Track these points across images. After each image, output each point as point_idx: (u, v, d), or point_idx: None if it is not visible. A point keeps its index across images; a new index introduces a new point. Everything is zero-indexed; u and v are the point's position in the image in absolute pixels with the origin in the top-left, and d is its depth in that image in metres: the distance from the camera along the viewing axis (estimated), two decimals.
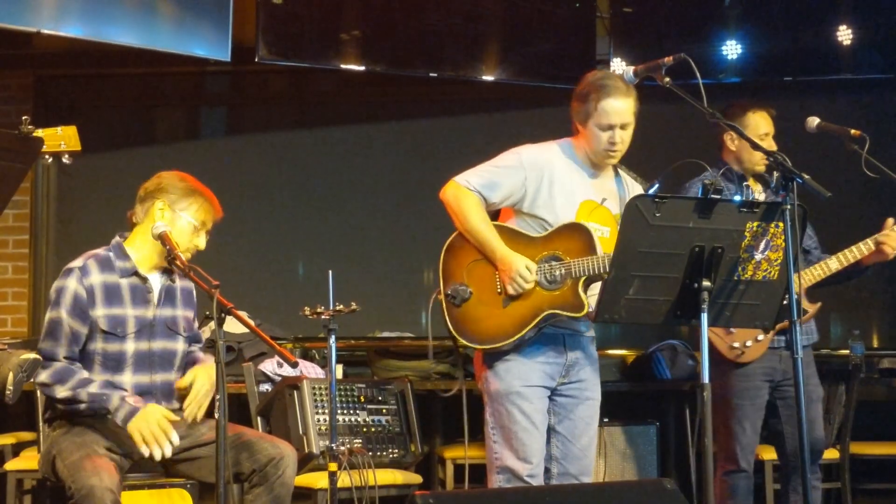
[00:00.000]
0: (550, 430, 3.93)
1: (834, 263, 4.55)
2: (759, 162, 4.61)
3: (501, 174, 3.91)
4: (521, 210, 3.92)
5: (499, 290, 3.84)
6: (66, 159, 3.85)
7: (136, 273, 3.93)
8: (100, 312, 3.86)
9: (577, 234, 3.81)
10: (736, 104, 4.61)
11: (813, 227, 4.75)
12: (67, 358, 3.84)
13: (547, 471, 3.94)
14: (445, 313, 3.89)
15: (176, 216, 3.90)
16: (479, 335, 3.86)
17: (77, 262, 3.89)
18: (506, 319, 3.82)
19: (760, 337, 4.52)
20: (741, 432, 4.54)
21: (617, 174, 4.02)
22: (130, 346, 3.91)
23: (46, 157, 3.80)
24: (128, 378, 3.91)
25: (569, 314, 3.79)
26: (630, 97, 3.84)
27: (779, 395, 4.62)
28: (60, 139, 3.81)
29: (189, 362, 4.09)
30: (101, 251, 3.95)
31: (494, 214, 4.00)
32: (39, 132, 3.65)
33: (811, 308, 4.61)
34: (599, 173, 3.98)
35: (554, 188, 3.88)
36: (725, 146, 4.64)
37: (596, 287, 3.79)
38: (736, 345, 4.53)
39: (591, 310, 3.78)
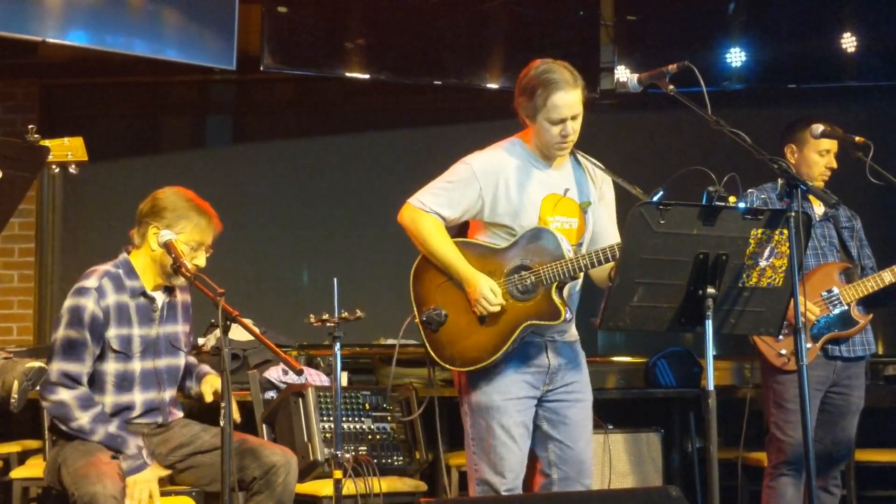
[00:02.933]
0: (545, 437, 3.87)
1: (888, 276, 4.53)
2: (816, 177, 4.61)
3: (455, 189, 3.83)
4: (483, 220, 3.84)
5: (473, 310, 3.77)
6: (72, 170, 3.87)
7: (143, 293, 3.94)
8: (112, 333, 3.87)
9: (541, 239, 3.75)
10: (803, 118, 4.61)
11: (870, 247, 4.76)
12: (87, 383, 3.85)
13: (547, 476, 3.88)
14: (424, 339, 3.82)
15: None
16: (461, 357, 3.78)
17: (91, 282, 3.86)
18: (484, 337, 3.75)
19: (809, 345, 4.48)
20: (797, 437, 4.44)
21: (576, 160, 3.94)
22: (137, 366, 3.92)
23: (53, 167, 3.82)
24: (137, 397, 3.94)
25: (547, 322, 3.73)
26: (578, 87, 3.76)
27: (822, 400, 4.60)
28: (67, 149, 3.83)
29: (199, 375, 4.13)
30: (109, 268, 3.93)
31: (463, 228, 3.93)
32: (46, 143, 3.66)
33: (863, 319, 4.59)
34: (556, 164, 3.88)
35: (511, 191, 3.79)
36: (787, 159, 4.62)
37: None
38: (783, 352, 4.50)
39: (568, 315, 3.74)
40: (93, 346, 3.83)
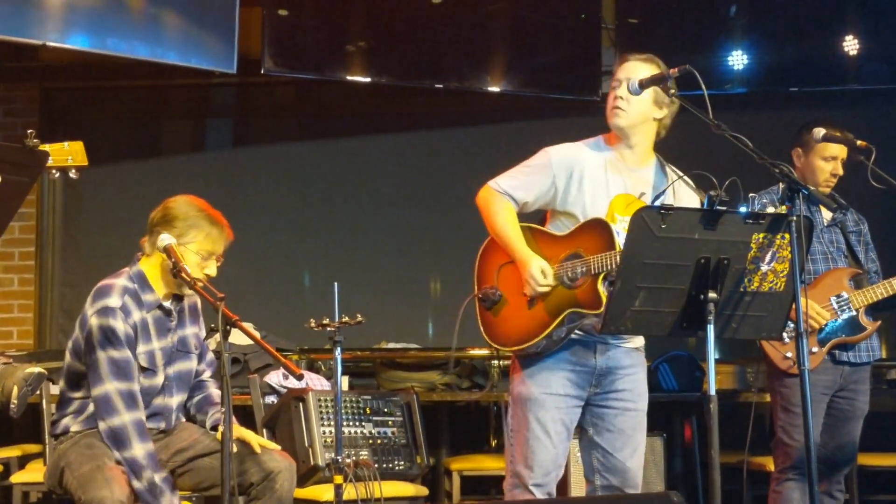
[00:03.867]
0: (590, 443, 3.88)
1: None
2: (821, 183, 4.59)
3: (530, 174, 3.89)
4: (555, 209, 3.89)
5: (524, 292, 3.81)
6: (72, 174, 3.86)
7: (159, 306, 3.91)
8: (140, 350, 3.84)
9: (597, 230, 3.73)
10: (813, 121, 4.56)
11: (875, 251, 4.75)
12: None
13: (590, 482, 3.89)
14: (478, 316, 3.90)
15: (182, 250, 3.80)
16: (508, 337, 3.84)
17: (115, 301, 3.79)
18: (530, 321, 3.79)
19: (815, 349, 4.48)
20: (802, 440, 4.41)
21: (664, 171, 3.94)
22: (160, 378, 3.91)
23: (53, 171, 3.81)
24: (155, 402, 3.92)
25: (588, 311, 3.70)
26: (644, 62, 3.82)
27: (828, 404, 4.59)
28: (67, 154, 3.82)
29: (205, 400, 4.09)
30: (126, 282, 3.85)
31: (541, 218, 3.98)
32: (46, 147, 3.65)
33: (870, 326, 4.57)
34: (638, 168, 3.89)
35: (584, 183, 3.83)
36: (794, 163, 4.61)
37: None
38: (789, 354, 4.49)
39: None
40: (133, 363, 3.79)
